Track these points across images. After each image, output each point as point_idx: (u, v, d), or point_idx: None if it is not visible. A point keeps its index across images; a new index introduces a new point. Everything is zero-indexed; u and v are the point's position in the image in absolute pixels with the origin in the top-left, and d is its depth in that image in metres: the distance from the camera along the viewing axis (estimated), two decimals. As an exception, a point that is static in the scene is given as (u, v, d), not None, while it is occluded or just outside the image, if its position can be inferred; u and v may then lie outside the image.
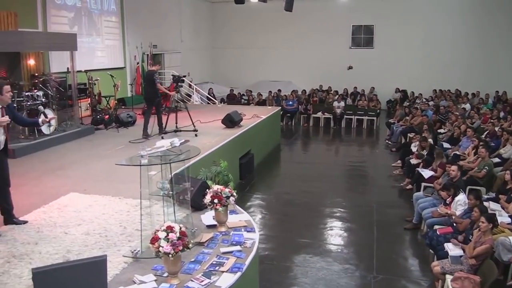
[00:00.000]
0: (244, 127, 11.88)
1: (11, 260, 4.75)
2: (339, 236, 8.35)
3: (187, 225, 5.01)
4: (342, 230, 8.64)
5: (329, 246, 7.91)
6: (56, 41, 10.96)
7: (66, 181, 7.51)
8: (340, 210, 9.60)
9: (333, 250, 7.74)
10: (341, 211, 9.53)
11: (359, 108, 19.39)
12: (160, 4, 18.86)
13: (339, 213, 9.43)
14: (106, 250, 4.84)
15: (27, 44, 10.01)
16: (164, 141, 4.83)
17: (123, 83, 15.19)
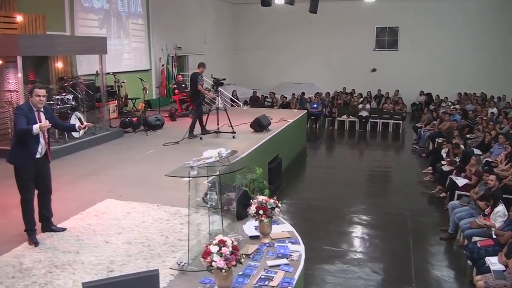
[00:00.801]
0: (272, 131, 11.74)
1: (52, 270, 4.67)
2: (374, 245, 8.16)
3: (231, 236, 4.90)
4: (376, 238, 8.45)
5: (365, 256, 7.73)
6: (86, 45, 10.95)
7: (101, 187, 7.45)
8: (372, 217, 9.42)
9: (369, 260, 7.56)
10: (373, 218, 9.35)
11: (384, 112, 19.11)
12: (184, 6, 18.81)
13: (371, 221, 9.24)
14: (151, 261, 4.74)
15: (59, 47, 10.01)
16: (211, 151, 4.70)
17: (149, 86, 15.18)
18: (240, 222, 5.69)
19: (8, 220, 6.14)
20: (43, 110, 5.40)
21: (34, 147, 5.25)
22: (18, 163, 5.30)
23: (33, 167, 5.31)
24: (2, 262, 4.87)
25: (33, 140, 5.23)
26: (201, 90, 11.39)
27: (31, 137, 5.18)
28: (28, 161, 5.26)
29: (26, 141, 5.21)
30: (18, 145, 5.30)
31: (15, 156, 5.32)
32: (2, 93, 10.33)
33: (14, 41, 9.22)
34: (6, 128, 10.31)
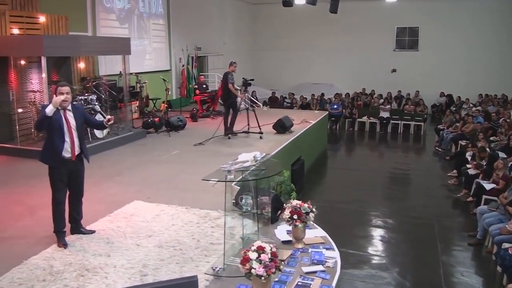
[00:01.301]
0: (295, 133, 11.63)
1: (84, 273, 4.59)
2: (401, 250, 7.99)
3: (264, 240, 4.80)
4: (403, 243, 8.28)
5: (393, 260, 7.56)
6: (110, 45, 10.94)
7: (127, 188, 7.39)
8: (397, 220, 9.24)
9: (397, 265, 7.39)
10: (398, 222, 9.17)
11: (405, 113, 18.87)
12: (203, 7, 18.78)
13: (397, 224, 9.07)
14: (184, 266, 4.65)
15: (83, 48, 10.00)
16: (246, 155, 4.60)
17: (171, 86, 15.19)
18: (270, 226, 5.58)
19: (35, 221, 6.11)
20: (70, 109, 5.32)
21: (59, 145, 5.17)
22: (47, 161, 5.29)
23: (63, 168, 5.25)
24: (32, 265, 4.81)
25: (58, 138, 5.17)
26: (231, 89, 11.30)
27: (55, 134, 5.15)
28: (56, 160, 5.21)
29: (52, 140, 5.18)
30: (46, 143, 5.31)
31: (44, 154, 5.33)
32: (25, 94, 10.35)
33: (38, 41, 9.22)
34: (29, 128, 10.33)
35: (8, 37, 9.94)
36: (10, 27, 10.08)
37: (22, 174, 8.36)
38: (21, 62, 10.24)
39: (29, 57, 10.32)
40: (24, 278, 4.54)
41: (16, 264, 4.82)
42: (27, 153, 9.56)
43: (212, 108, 14.71)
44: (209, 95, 14.74)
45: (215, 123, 13.20)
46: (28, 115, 10.34)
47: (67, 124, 5.21)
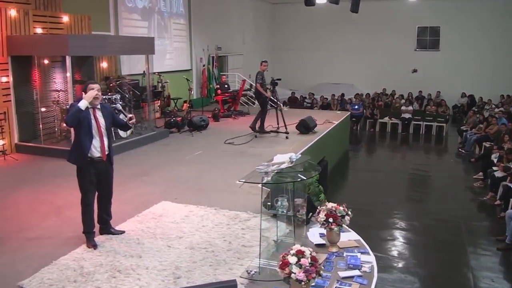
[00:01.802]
0: (319, 133, 11.52)
1: (116, 274, 4.52)
2: (429, 253, 7.82)
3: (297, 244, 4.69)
4: (430, 246, 8.13)
5: (421, 264, 7.40)
6: (134, 45, 10.92)
7: (153, 188, 7.33)
8: (423, 223, 9.08)
9: (426, 269, 7.25)
10: (424, 225, 9.01)
11: (427, 114, 18.60)
12: (223, 6, 18.74)
13: (423, 227, 8.91)
14: (217, 268, 4.55)
15: (108, 48, 9.98)
16: (282, 156, 4.50)
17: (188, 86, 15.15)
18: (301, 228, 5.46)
19: (62, 221, 6.08)
20: (99, 108, 5.26)
21: (87, 145, 5.08)
22: (75, 161, 5.19)
23: (92, 168, 5.16)
24: (62, 265, 4.75)
25: (87, 137, 5.08)
26: (258, 89, 11.30)
27: (84, 133, 5.06)
28: (84, 160, 5.11)
29: (80, 138, 5.08)
30: (74, 143, 5.22)
31: (72, 154, 5.23)
32: (49, 93, 10.37)
33: (63, 41, 9.22)
34: (53, 127, 10.35)
35: (32, 37, 9.97)
36: (33, 27, 10.11)
37: (47, 173, 8.36)
38: (45, 62, 10.26)
39: (53, 57, 10.35)
40: (55, 279, 4.48)
41: (45, 264, 4.77)
42: (50, 152, 9.59)
43: (234, 108, 14.63)
44: (231, 95, 14.67)
45: (237, 123, 13.19)
46: (51, 114, 10.37)
47: (96, 123, 5.13)
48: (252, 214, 6.00)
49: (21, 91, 9.91)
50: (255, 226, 5.56)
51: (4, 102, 9.58)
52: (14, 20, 9.63)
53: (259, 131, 11.28)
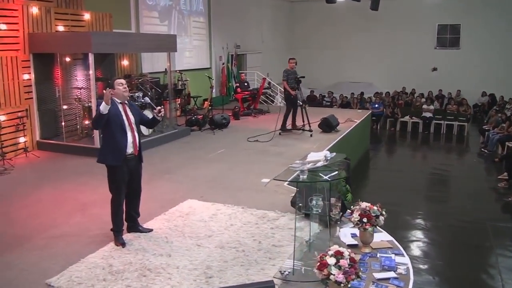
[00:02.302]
0: (341, 132, 11.40)
1: (146, 273, 4.46)
2: (458, 256, 7.68)
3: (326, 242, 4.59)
4: (459, 248, 7.98)
5: (451, 267, 7.26)
6: (157, 43, 10.87)
7: (178, 186, 7.28)
8: (449, 224, 8.93)
9: (456, 272, 7.11)
10: (450, 226, 8.86)
11: (448, 113, 18.33)
12: (242, 4, 18.65)
13: (449, 228, 8.77)
14: (249, 268, 4.46)
15: (131, 45, 9.95)
16: (316, 154, 4.39)
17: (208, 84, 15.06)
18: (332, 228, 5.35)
19: (88, 218, 6.05)
20: (127, 103, 5.19)
21: (122, 142, 5.00)
22: (109, 161, 5.06)
23: (125, 166, 5.08)
24: (90, 263, 4.70)
25: (120, 134, 4.99)
26: (284, 86, 11.35)
27: (117, 130, 4.98)
28: (119, 158, 5.01)
29: (114, 136, 4.98)
30: (106, 142, 5.10)
31: (104, 154, 5.08)
32: (70, 90, 10.37)
33: (86, 38, 9.20)
34: (74, 125, 10.35)
35: (55, 34, 9.97)
36: (55, 24, 10.12)
37: (70, 171, 8.35)
38: (66, 59, 10.26)
39: (74, 54, 10.34)
40: (83, 277, 4.43)
41: (72, 262, 4.72)
42: (72, 149, 9.60)
43: (253, 106, 14.54)
44: (251, 93, 14.58)
45: (258, 121, 13.12)
46: (73, 112, 10.37)
47: (127, 119, 5.07)
48: (280, 213, 5.91)
49: (42, 89, 9.94)
50: (284, 226, 5.47)
51: (25, 99, 9.61)
52: (36, 17, 9.65)
53: (282, 129, 11.22)
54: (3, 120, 9.01)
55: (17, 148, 9.43)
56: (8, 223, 5.90)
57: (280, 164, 8.37)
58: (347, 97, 20.02)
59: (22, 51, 9.45)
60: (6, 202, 6.71)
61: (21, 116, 9.40)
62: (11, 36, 9.22)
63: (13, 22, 9.22)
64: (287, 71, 11.35)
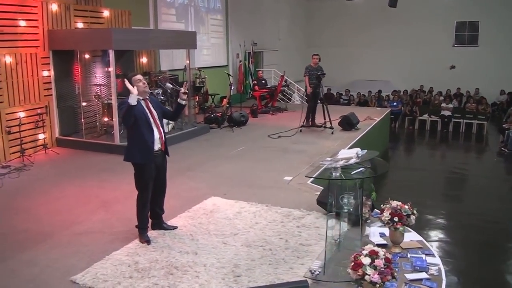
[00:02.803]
0: (362, 130, 11.30)
1: (173, 271, 4.39)
2: (482, 257, 7.51)
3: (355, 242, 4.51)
4: (482, 249, 7.79)
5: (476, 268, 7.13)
6: (178, 39, 10.82)
7: (200, 184, 7.23)
8: (471, 224, 8.78)
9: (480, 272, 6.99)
10: (474, 226, 8.69)
11: (467, 111, 18.08)
12: (259, 2, 18.56)
13: (474, 228, 8.59)
14: (277, 267, 4.38)
15: (151, 42, 9.90)
16: (347, 151, 4.30)
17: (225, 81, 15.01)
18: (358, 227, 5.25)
19: (111, 215, 6.01)
20: (148, 98, 5.12)
21: (149, 138, 4.94)
22: (138, 159, 4.99)
23: (153, 163, 5.03)
24: (115, 260, 4.65)
25: (147, 130, 4.93)
26: (305, 83, 11.37)
27: (143, 126, 4.91)
28: (147, 155, 4.95)
29: (140, 132, 4.91)
30: (133, 140, 5.01)
31: (132, 152, 5.01)
32: (90, 87, 10.36)
33: (107, 34, 9.16)
34: (94, 122, 10.35)
35: (75, 31, 9.97)
36: (74, 21, 10.12)
37: (91, 168, 8.35)
38: (85, 56, 10.26)
39: (93, 51, 10.34)
40: (109, 275, 4.38)
41: (97, 259, 4.69)
42: (92, 146, 9.60)
43: (271, 104, 14.45)
44: (268, 91, 14.49)
45: (276, 119, 13.05)
46: (92, 109, 10.36)
47: (151, 116, 5.01)
48: (305, 211, 5.82)
49: (61, 85, 9.94)
50: (310, 224, 5.39)
51: (45, 96, 9.62)
52: (55, 14, 9.65)
53: (303, 126, 11.17)
54: (23, 117, 9.02)
55: (36, 145, 9.45)
56: (30, 219, 5.90)
57: (302, 162, 8.31)
58: (365, 95, 19.83)
59: (41, 47, 9.46)
60: (28, 198, 6.71)
61: (41, 113, 9.41)
62: (30, 33, 9.24)
63: (32, 19, 9.24)
64: (308, 67, 11.36)
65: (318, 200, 5.76)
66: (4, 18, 8.62)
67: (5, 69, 8.67)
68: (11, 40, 8.79)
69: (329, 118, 10.91)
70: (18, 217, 5.98)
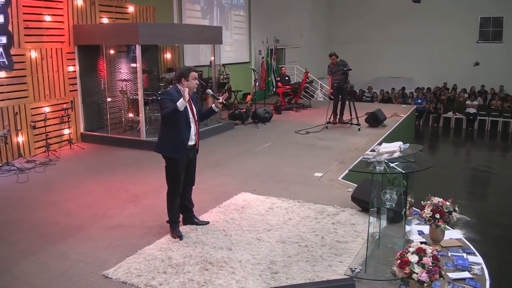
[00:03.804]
0: (389, 127, 11.14)
1: (208, 267, 4.31)
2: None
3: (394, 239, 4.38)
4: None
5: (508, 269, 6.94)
6: (204, 34, 10.76)
7: (230, 179, 7.16)
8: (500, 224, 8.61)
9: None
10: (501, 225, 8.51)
11: (492, 109, 17.74)
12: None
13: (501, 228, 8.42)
14: (315, 265, 4.27)
15: (178, 37, 9.83)
16: (388, 144, 4.17)
17: (247, 78, 14.92)
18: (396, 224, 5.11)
19: (142, 209, 5.97)
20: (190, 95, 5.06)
21: (186, 133, 4.90)
22: (171, 152, 4.93)
23: (185, 157, 4.98)
24: (148, 255, 4.59)
25: (185, 125, 4.88)
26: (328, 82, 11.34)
27: (182, 122, 4.85)
28: (182, 149, 4.90)
29: (178, 127, 4.85)
30: (169, 134, 4.93)
31: (166, 145, 4.95)
32: (114, 83, 10.35)
33: (134, 29, 9.13)
34: (119, 117, 10.34)
35: (101, 26, 9.97)
36: (99, 16, 10.11)
37: (118, 162, 8.33)
38: (110, 51, 10.25)
39: (118, 46, 10.32)
40: (142, 269, 4.31)
41: (129, 254, 4.63)
42: (117, 141, 9.59)
43: (295, 100, 14.32)
44: (292, 88, 14.35)
45: (300, 115, 12.94)
46: (117, 104, 10.35)
47: (191, 112, 4.95)
48: (339, 208, 5.71)
49: (86, 81, 9.95)
50: (345, 221, 5.27)
51: (70, 91, 9.62)
52: (80, 9, 9.66)
53: (329, 122, 11.06)
54: (48, 112, 9.04)
55: (62, 140, 9.47)
56: (60, 213, 5.87)
57: (331, 159, 8.19)
58: (388, 92, 19.58)
59: (67, 43, 9.48)
60: (56, 192, 6.71)
61: (66, 108, 9.43)
62: (56, 28, 9.26)
63: (58, 14, 9.25)
64: (329, 66, 11.38)
65: (353, 196, 5.64)
66: (30, 13, 8.64)
67: (30, 64, 8.70)
68: (36, 35, 8.82)
69: (356, 114, 10.76)
70: (48, 210, 5.97)
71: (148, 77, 10.68)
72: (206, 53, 11.78)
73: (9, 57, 8.20)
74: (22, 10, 8.41)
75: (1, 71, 8.13)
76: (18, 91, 8.51)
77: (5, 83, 8.24)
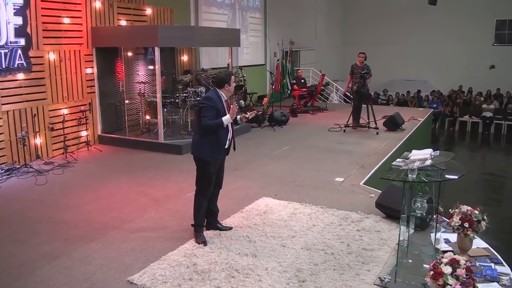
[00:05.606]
0: (407, 131, 11.06)
1: (234, 274, 4.27)
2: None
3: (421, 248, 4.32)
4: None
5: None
6: (222, 37, 10.73)
7: (249, 183, 7.12)
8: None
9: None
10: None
11: (508, 112, 17.57)
12: (297, 0, 18.38)
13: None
14: (343, 273, 4.23)
15: (197, 39, 9.82)
16: (419, 152, 4.12)
17: (263, 80, 14.90)
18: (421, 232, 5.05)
19: (163, 214, 5.94)
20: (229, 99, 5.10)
21: (225, 136, 4.96)
22: (208, 156, 4.93)
23: (219, 160, 5.04)
24: (173, 261, 4.56)
25: (224, 130, 4.93)
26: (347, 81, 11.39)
27: (222, 128, 4.88)
28: (218, 153, 4.96)
29: (217, 132, 4.89)
30: (207, 137, 4.91)
31: (204, 149, 4.93)
32: (132, 85, 10.37)
33: (153, 32, 9.13)
34: (136, 120, 10.35)
35: (119, 28, 9.99)
36: (117, 19, 10.14)
37: (137, 165, 8.32)
38: (128, 54, 10.27)
39: (136, 49, 10.34)
40: (168, 276, 4.28)
41: (153, 259, 4.61)
42: (135, 143, 9.59)
43: (311, 103, 14.27)
44: (308, 90, 14.30)
45: (316, 118, 12.90)
46: (134, 107, 10.36)
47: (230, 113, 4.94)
48: (363, 214, 5.65)
49: (104, 83, 9.98)
50: (370, 228, 5.22)
51: (88, 93, 9.66)
52: (98, 11, 9.69)
53: (346, 125, 11.04)
54: (66, 114, 9.07)
55: (79, 142, 9.50)
56: (80, 216, 5.86)
57: (352, 163, 8.13)
58: (404, 95, 19.44)
59: (85, 45, 9.52)
60: (76, 195, 6.71)
61: (84, 110, 9.46)
62: (74, 30, 9.29)
63: (76, 16, 9.29)
64: (353, 65, 11.28)
65: (377, 202, 5.59)
66: (49, 15, 8.69)
67: (49, 66, 8.75)
68: (55, 37, 8.87)
69: (374, 118, 10.68)
70: (68, 213, 5.96)
71: (166, 79, 10.69)
72: (222, 55, 11.76)
73: (28, 59, 8.25)
74: (40, 13, 8.46)
75: (19, 73, 8.18)
76: (36, 93, 8.56)
77: (23, 85, 8.29)
